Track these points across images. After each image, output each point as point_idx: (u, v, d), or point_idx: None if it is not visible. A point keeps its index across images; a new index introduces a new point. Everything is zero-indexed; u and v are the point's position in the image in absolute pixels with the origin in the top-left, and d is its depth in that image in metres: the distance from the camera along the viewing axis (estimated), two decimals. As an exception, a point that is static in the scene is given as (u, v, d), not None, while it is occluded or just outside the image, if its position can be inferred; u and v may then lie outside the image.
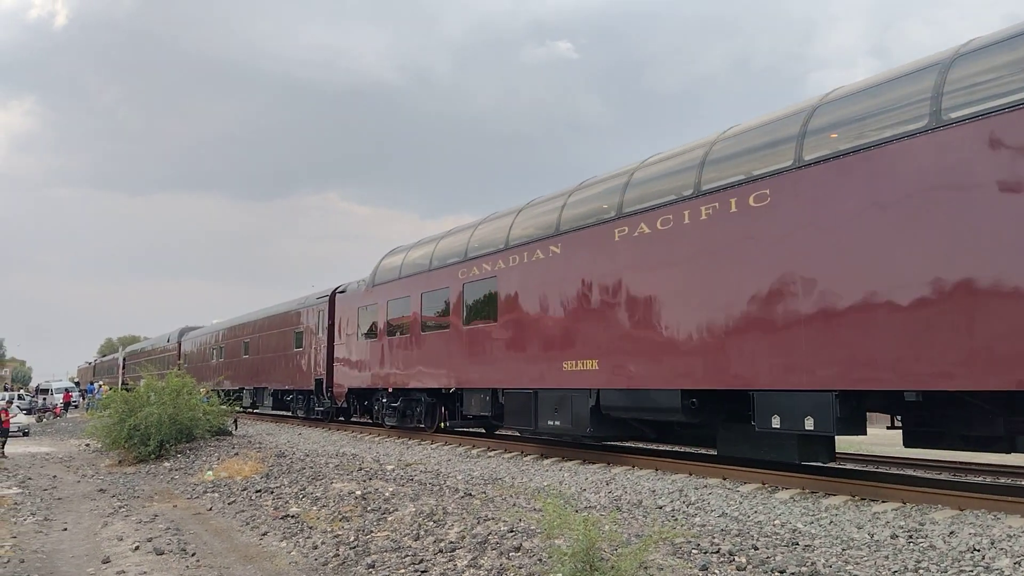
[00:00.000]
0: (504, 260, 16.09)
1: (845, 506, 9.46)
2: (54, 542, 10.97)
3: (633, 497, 10.85)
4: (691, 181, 11.70)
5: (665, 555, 7.11)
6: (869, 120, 9.40)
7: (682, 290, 11.62)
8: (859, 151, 9.30)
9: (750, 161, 10.91)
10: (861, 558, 7.04)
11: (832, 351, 9.38)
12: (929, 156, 8.58)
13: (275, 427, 28.45)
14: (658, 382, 12.00)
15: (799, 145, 10.07)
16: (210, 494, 14.19)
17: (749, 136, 11.27)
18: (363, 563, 8.44)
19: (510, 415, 15.63)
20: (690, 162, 11.97)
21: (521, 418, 15.27)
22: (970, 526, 8.04)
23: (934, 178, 8.52)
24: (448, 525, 9.06)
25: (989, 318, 7.93)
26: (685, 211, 11.63)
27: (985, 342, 7.94)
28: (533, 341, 14.99)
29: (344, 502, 11.27)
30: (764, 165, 10.56)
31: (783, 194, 10.13)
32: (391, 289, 21.36)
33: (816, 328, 9.61)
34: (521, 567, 7.19)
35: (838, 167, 9.49)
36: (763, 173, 10.49)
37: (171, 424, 20.57)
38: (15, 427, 29.06)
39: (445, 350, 18.15)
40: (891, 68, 10.08)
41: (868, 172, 9.13)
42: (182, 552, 9.77)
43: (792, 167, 10.08)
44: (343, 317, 24.79)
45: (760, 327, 10.35)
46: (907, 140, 8.82)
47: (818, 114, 10.16)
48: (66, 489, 16.20)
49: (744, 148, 11.21)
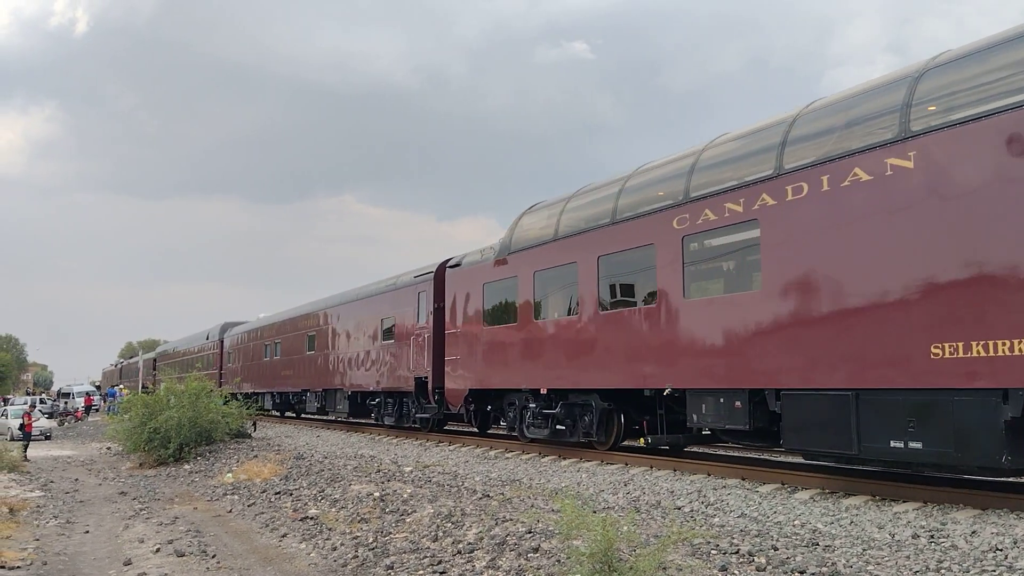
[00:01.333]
0: (775, 192, 10.82)
1: (866, 506, 9.39)
2: (76, 544, 11.07)
3: (651, 498, 10.82)
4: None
5: (684, 556, 7.09)
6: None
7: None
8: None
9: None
10: (882, 558, 6.99)
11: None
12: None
13: (294, 429, 28.57)
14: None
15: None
16: (230, 496, 14.28)
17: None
18: (382, 564, 8.46)
19: (798, 430, 10.40)
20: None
21: (824, 435, 10.02)
22: (992, 526, 7.96)
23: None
24: (466, 526, 9.07)
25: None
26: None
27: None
28: (848, 313, 9.75)
29: (363, 504, 11.31)
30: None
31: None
32: (539, 255, 16.09)
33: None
34: (540, 568, 7.19)
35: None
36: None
37: (191, 427, 20.73)
38: (37, 431, 29.34)
39: (650, 335, 12.89)
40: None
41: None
42: (202, 554, 9.83)
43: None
44: (458, 298, 19.37)
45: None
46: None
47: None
48: (88, 492, 16.34)
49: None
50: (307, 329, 31.03)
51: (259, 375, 36.55)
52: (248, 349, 39.12)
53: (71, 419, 45.27)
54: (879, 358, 9.35)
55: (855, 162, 9.79)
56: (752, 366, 11.05)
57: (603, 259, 14.14)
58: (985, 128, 8.55)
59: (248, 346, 39.16)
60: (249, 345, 38.98)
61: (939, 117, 9.09)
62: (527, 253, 16.55)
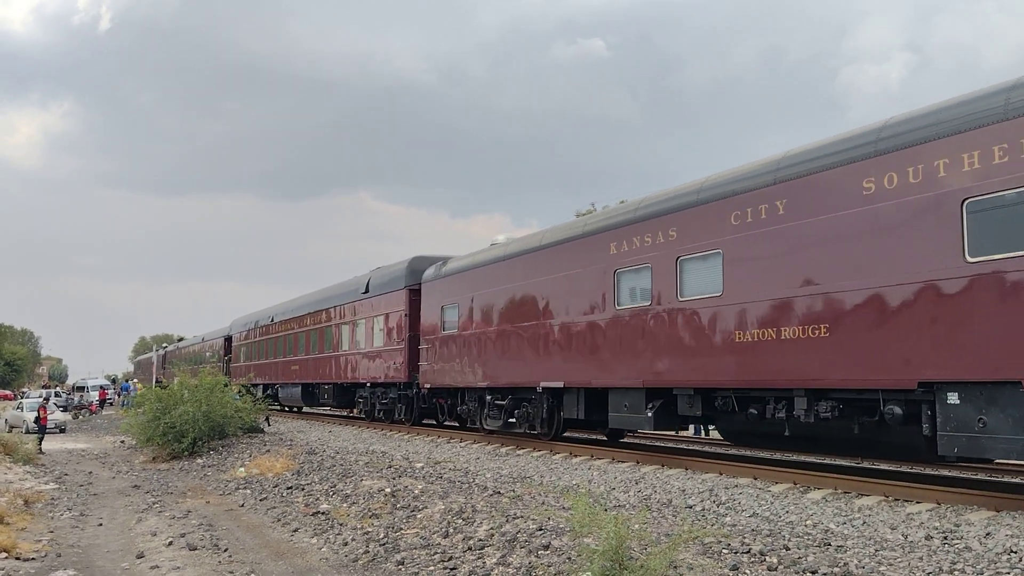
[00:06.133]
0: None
1: (878, 507, 9.34)
2: (90, 537, 11.15)
3: (663, 496, 10.80)
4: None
5: (695, 554, 7.07)
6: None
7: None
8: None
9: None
10: (894, 559, 6.95)
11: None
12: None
13: (306, 424, 28.68)
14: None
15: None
16: (242, 491, 14.34)
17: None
18: (392, 560, 8.48)
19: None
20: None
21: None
22: (1007, 527, 7.90)
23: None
24: (477, 523, 9.08)
25: None
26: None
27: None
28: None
29: (374, 499, 11.33)
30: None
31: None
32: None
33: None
34: (550, 565, 7.19)
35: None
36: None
37: (205, 421, 20.82)
38: (52, 424, 29.54)
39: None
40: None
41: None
42: (215, 548, 9.88)
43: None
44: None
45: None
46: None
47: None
48: (101, 485, 16.45)
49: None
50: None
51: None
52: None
53: (85, 412, 45.56)
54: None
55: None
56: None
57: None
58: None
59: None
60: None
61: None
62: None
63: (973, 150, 8.78)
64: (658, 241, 13.17)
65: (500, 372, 17.87)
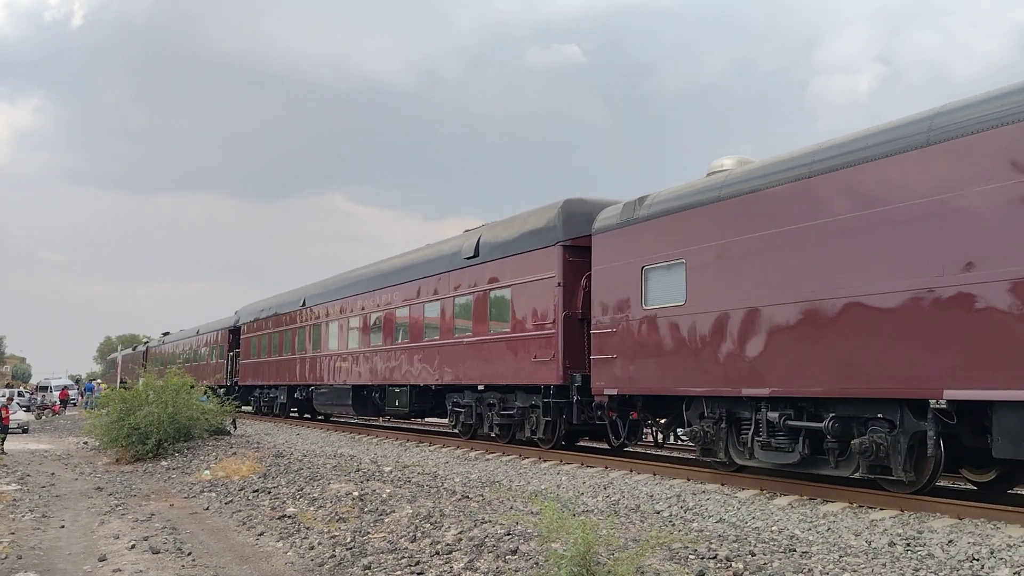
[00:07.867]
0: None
1: (843, 513, 9.44)
2: (51, 539, 10.96)
3: (631, 502, 10.83)
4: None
5: (662, 560, 7.10)
6: None
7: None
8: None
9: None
10: (858, 565, 7.02)
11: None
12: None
13: (273, 427, 28.42)
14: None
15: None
16: (207, 494, 14.18)
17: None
18: (359, 564, 8.43)
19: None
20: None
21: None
22: (969, 535, 8.01)
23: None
24: (445, 527, 9.05)
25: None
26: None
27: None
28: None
29: (341, 503, 11.26)
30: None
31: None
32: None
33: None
34: (518, 570, 7.18)
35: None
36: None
37: (170, 423, 20.56)
38: (15, 424, 29.00)
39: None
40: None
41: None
42: (178, 551, 9.76)
43: None
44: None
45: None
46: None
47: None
48: (64, 487, 16.19)
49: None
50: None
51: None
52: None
53: (48, 412, 44.84)
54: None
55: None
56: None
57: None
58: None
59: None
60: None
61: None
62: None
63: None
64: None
65: (804, 372, 10.33)
